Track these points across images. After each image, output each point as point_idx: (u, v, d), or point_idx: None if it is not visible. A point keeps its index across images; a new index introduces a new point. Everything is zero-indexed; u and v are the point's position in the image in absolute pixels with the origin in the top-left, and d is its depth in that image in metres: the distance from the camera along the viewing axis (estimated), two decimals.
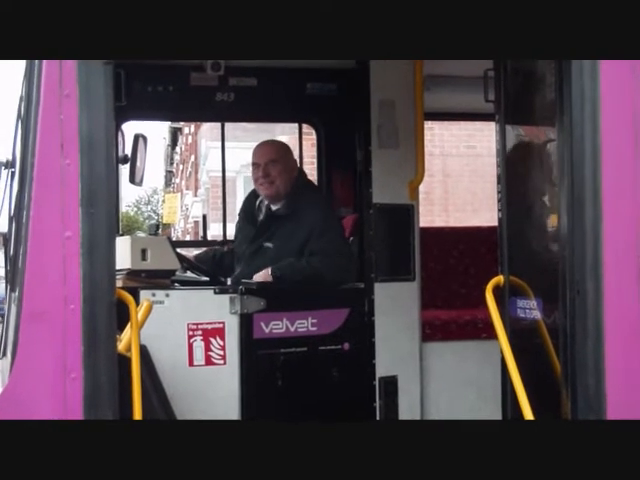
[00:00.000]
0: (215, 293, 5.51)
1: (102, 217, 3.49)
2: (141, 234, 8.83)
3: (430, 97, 6.15)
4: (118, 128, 6.43)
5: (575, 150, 3.90)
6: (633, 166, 3.91)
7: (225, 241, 6.75)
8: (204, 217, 8.54)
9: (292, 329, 5.58)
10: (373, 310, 5.81)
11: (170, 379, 5.33)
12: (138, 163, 6.66)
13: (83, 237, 3.45)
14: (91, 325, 3.48)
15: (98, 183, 3.46)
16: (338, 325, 5.69)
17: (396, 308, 5.90)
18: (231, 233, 6.60)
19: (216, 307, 5.48)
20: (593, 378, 3.89)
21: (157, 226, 5.85)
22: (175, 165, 51.02)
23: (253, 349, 5.53)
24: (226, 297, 5.49)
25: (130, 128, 6.72)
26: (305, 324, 5.60)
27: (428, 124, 6.93)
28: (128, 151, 6.52)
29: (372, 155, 5.85)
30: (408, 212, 5.92)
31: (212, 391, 5.46)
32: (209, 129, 31.95)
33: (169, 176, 56.62)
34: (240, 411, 5.47)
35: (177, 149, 47.20)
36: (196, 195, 36.82)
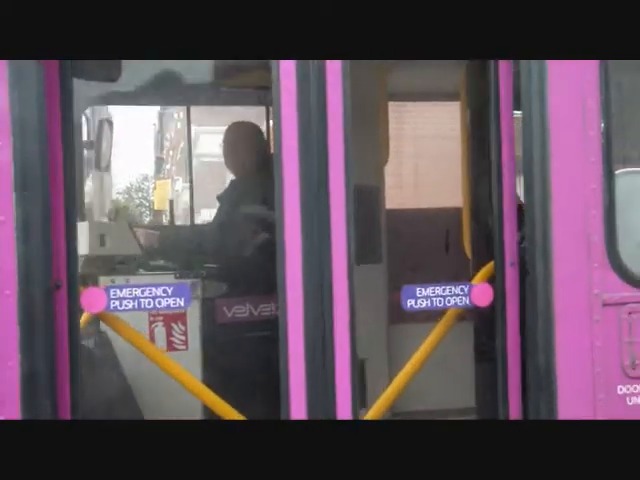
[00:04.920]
0: (176, 278, 5.45)
1: (37, 200, 3.43)
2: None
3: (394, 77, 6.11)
4: (81, 113, 6.37)
5: (526, 143, 3.90)
6: (582, 153, 3.92)
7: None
8: (171, 202, 8.50)
9: (256, 313, 5.53)
10: None
11: (131, 365, 5.29)
12: (104, 149, 6.61)
13: (17, 221, 3.39)
14: (28, 312, 3.42)
15: (32, 166, 3.40)
16: None
17: (363, 291, 5.85)
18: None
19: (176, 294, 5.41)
20: (544, 357, 3.86)
21: (116, 211, 5.80)
22: (165, 151, 50.75)
23: (216, 334, 5.47)
24: (187, 282, 5.43)
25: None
26: (269, 308, 5.55)
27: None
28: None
29: None
30: (373, 193, 5.87)
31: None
32: (199, 114, 32.05)
33: (159, 162, 56.31)
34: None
35: (167, 135, 46.95)
36: (186, 181, 36.72)
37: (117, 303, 3.70)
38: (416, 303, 3.90)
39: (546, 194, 3.88)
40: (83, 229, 5.32)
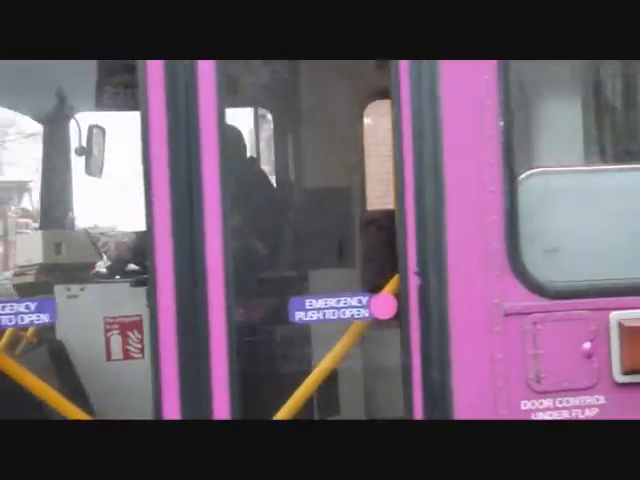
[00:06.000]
0: (132, 286, 5.39)
1: None
2: None
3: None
4: (70, 119, 6.38)
5: (417, 144, 3.70)
6: (479, 155, 3.70)
7: None
8: None
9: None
10: None
11: (87, 374, 5.28)
12: (95, 154, 6.60)
13: None
14: None
15: None
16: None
17: None
18: None
19: (133, 300, 5.36)
20: (438, 372, 3.66)
21: (73, 220, 5.78)
22: None
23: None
24: (143, 290, 5.37)
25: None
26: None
27: None
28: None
29: None
30: (342, 195, 5.70)
31: (130, 385, 5.35)
32: None
33: None
34: None
35: None
36: None
37: None
38: (306, 315, 3.71)
39: (439, 198, 3.68)
40: (37, 238, 5.32)
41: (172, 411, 3.60)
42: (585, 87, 4.38)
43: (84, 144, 6.57)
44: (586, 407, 3.73)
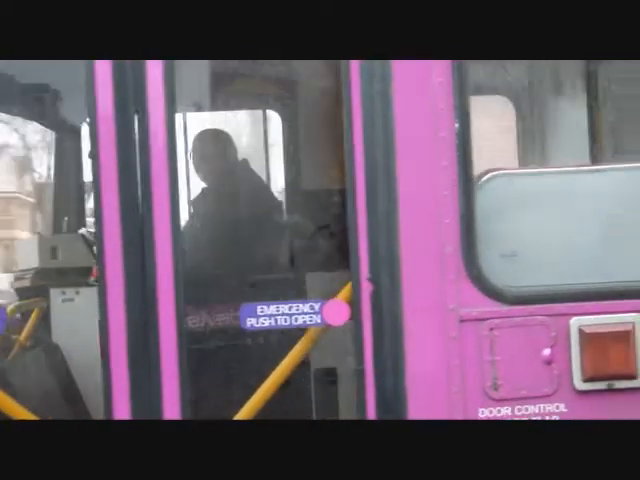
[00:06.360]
0: None
1: None
2: None
3: None
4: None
5: (368, 146, 3.64)
6: (433, 157, 3.63)
7: None
8: None
9: (212, 323, 5.43)
10: None
11: (83, 376, 5.32)
12: None
13: None
14: None
15: None
16: None
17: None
18: None
19: None
20: (391, 380, 3.60)
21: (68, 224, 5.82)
22: None
23: None
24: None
25: None
26: (225, 317, 5.43)
27: None
28: None
29: None
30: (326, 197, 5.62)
31: None
32: None
33: None
34: None
35: None
36: None
37: None
38: (257, 322, 3.68)
39: (392, 202, 3.62)
40: (34, 242, 5.38)
41: (123, 411, 3.60)
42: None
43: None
44: (546, 415, 3.64)
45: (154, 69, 3.62)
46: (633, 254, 3.72)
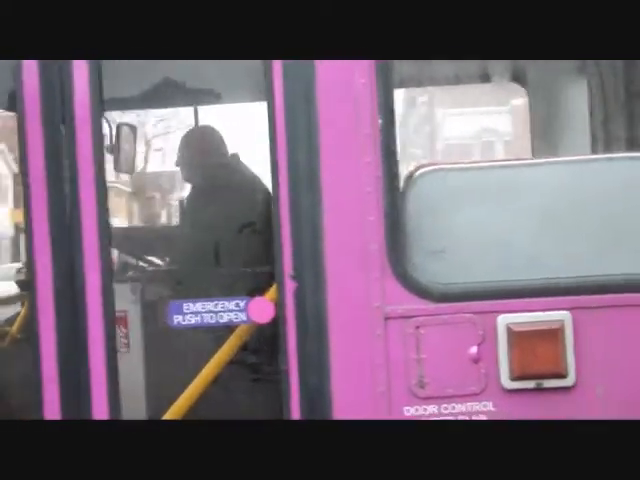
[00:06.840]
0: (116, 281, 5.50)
1: None
2: None
3: None
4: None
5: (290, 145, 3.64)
6: (355, 154, 3.62)
7: None
8: None
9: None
10: None
11: None
12: (125, 151, 6.78)
13: None
14: None
15: None
16: None
17: None
18: None
19: (118, 296, 5.47)
20: (316, 378, 3.60)
21: None
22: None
23: (160, 338, 5.48)
24: (128, 285, 5.48)
25: None
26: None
27: None
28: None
29: None
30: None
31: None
32: (445, 96, 31.62)
33: None
34: (146, 403, 5.45)
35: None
36: None
37: None
38: (184, 319, 3.72)
39: (315, 199, 3.61)
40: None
41: (53, 411, 3.67)
42: None
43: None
44: (473, 414, 3.59)
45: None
46: (565, 250, 3.64)
